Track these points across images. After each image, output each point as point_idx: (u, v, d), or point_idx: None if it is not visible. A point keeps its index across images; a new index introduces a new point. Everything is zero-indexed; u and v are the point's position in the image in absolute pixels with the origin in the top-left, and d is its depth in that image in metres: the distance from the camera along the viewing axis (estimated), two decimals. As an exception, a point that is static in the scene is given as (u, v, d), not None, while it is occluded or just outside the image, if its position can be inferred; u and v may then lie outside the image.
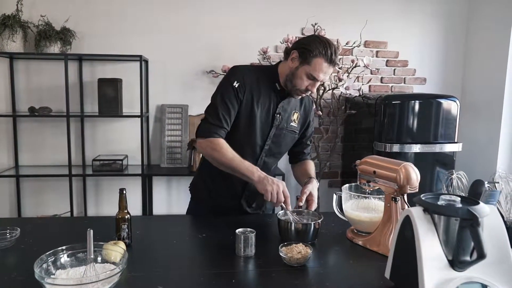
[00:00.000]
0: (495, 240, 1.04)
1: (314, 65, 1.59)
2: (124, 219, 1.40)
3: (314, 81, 1.63)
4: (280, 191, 1.55)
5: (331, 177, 3.71)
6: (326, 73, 1.61)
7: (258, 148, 1.75)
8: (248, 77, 1.68)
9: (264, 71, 1.76)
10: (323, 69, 1.59)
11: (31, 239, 1.47)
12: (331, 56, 1.57)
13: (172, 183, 3.52)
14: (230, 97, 1.65)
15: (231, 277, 1.21)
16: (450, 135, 3.08)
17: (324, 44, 1.58)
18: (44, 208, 3.37)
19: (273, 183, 1.56)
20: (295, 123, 1.80)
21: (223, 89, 1.68)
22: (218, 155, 1.63)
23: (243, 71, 1.70)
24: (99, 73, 3.27)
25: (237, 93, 1.65)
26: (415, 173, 1.39)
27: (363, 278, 1.24)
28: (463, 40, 3.72)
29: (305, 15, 3.31)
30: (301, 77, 1.62)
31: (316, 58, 1.58)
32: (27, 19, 3.04)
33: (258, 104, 1.68)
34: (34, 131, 3.30)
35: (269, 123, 1.72)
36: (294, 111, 1.79)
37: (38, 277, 1.02)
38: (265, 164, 1.79)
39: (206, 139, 1.65)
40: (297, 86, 1.65)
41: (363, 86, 3.37)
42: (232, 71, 1.71)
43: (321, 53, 1.57)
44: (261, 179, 1.58)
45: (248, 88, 1.66)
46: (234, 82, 1.65)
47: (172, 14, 3.32)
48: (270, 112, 1.71)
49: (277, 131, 1.75)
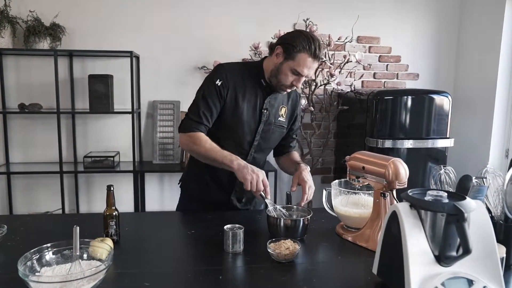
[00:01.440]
0: (481, 235, 1.04)
1: (298, 60, 1.58)
2: (112, 215, 1.39)
3: (299, 76, 1.62)
4: (259, 180, 1.55)
5: (323, 173, 3.71)
6: (311, 68, 1.61)
7: (247, 144, 1.75)
8: (232, 74, 1.68)
9: (249, 68, 1.76)
10: (307, 64, 1.59)
11: (19, 236, 1.45)
12: (315, 51, 1.57)
13: (164, 179, 3.51)
14: (211, 95, 1.66)
15: (219, 273, 1.20)
16: (442, 131, 3.09)
17: (308, 39, 1.57)
18: (36, 206, 3.35)
19: (252, 172, 1.56)
20: (283, 118, 1.81)
21: (205, 87, 1.69)
22: (197, 148, 1.65)
23: (226, 69, 1.70)
24: (90, 69, 3.25)
25: (220, 91, 1.66)
26: (404, 169, 1.39)
27: (350, 274, 1.24)
28: (455, 36, 3.73)
29: (296, 11, 3.30)
30: (285, 72, 1.62)
31: (300, 53, 1.57)
32: (15, 14, 3.01)
33: (244, 100, 1.69)
34: (25, 128, 3.28)
35: (257, 119, 1.73)
36: (281, 105, 1.79)
37: (22, 275, 1.01)
38: (254, 160, 1.79)
39: (186, 133, 1.67)
40: (282, 81, 1.65)
41: (355, 81, 3.38)
42: (215, 70, 1.72)
43: (305, 48, 1.56)
44: (241, 167, 1.57)
45: (232, 86, 1.67)
46: (217, 80, 1.66)
47: (164, 10, 3.29)
48: (257, 108, 1.72)
49: (266, 127, 1.75)
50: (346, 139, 3.53)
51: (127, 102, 3.22)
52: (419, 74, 3.73)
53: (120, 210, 1.45)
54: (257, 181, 1.55)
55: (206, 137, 1.66)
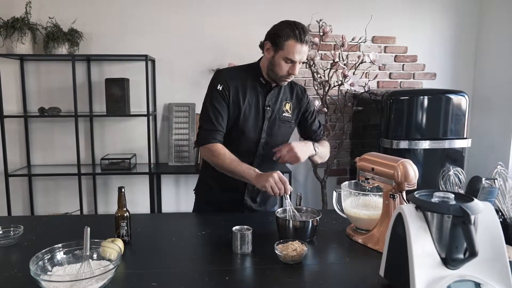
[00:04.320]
0: (490, 237, 1.02)
1: (286, 48, 1.63)
2: (123, 217, 1.42)
3: (293, 63, 1.66)
4: (277, 181, 1.57)
5: (339, 174, 3.68)
6: (301, 53, 1.65)
7: (254, 143, 1.79)
8: (231, 77, 1.75)
9: (247, 69, 1.82)
10: (296, 49, 1.63)
11: (35, 236, 1.50)
12: (300, 36, 1.61)
13: (180, 181, 3.55)
14: (217, 100, 1.73)
15: (226, 274, 1.21)
16: (459, 131, 3.03)
17: (290, 26, 1.63)
18: (55, 207, 3.43)
19: (268, 178, 1.57)
20: (288, 113, 1.84)
21: (209, 94, 1.76)
22: (217, 160, 1.71)
23: (224, 73, 1.78)
24: (107, 73, 3.31)
25: (223, 95, 1.72)
26: (413, 170, 1.37)
27: (358, 276, 1.23)
28: (474, 34, 3.65)
29: (310, 12, 3.28)
30: (279, 63, 1.67)
31: (286, 41, 1.63)
32: (35, 21, 3.09)
33: (245, 101, 1.74)
34: (45, 131, 3.36)
35: (261, 117, 1.78)
36: (285, 101, 1.84)
37: (33, 274, 1.05)
38: (264, 158, 1.82)
39: (205, 146, 1.73)
40: (279, 73, 1.70)
41: (370, 82, 3.34)
42: (214, 76, 1.79)
43: (290, 35, 1.62)
44: (257, 178, 1.61)
45: (233, 88, 1.73)
46: (218, 85, 1.73)
47: (177, 14, 3.33)
48: (259, 106, 1.77)
49: (270, 123, 1.79)
50: (361, 140, 3.50)
51: (143, 105, 3.26)
52: (436, 73, 3.67)
53: (136, 211, 1.48)
54: (276, 183, 1.57)
55: (224, 149, 1.71)
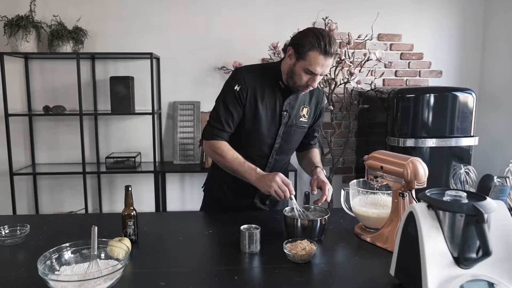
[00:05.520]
0: (503, 236, 1.01)
1: (309, 59, 1.54)
2: (130, 215, 1.41)
3: (313, 75, 1.58)
4: (280, 184, 1.55)
5: (345, 172, 3.67)
6: (324, 66, 1.55)
7: (268, 147, 1.74)
8: (250, 78, 1.67)
9: (267, 70, 1.74)
10: (319, 62, 1.54)
11: (41, 235, 1.49)
12: (325, 48, 1.51)
13: (185, 179, 3.54)
14: (231, 101, 1.66)
15: (234, 273, 1.20)
16: (466, 129, 3.01)
17: (317, 36, 1.52)
18: (60, 205, 3.43)
19: (271, 182, 1.55)
20: (304, 118, 1.78)
21: (224, 93, 1.69)
22: (219, 158, 1.68)
23: (244, 74, 1.69)
24: (111, 71, 3.31)
25: (239, 96, 1.65)
26: (423, 168, 1.35)
27: (368, 275, 1.22)
28: (481, 31, 3.62)
29: (315, 9, 3.27)
30: (299, 73, 1.59)
31: (310, 52, 1.53)
32: (40, 19, 3.09)
33: (263, 103, 1.68)
34: (49, 129, 3.36)
35: (277, 122, 1.71)
36: (303, 106, 1.76)
37: (41, 274, 1.04)
38: (276, 162, 1.79)
39: (209, 141, 1.70)
40: (297, 82, 1.62)
41: (376, 80, 3.32)
42: (233, 75, 1.71)
43: (314, 46, 1.52)
44: (259, 181, 1.59)
45: (251, 90, 1.66)
46: (235, 85, 1.65)
47: (182, 12, 3.32)
48: (276, 111, 1.70)
49: (286, 129, 1.74)
50: (367, 138, 3.48)
51: (148, 103, 3.26)
52: (443, 71, 3.64)
53: (141, 210, 1.47)
54: (280, 186, 1.55)
55: (227, 147, 1.67)
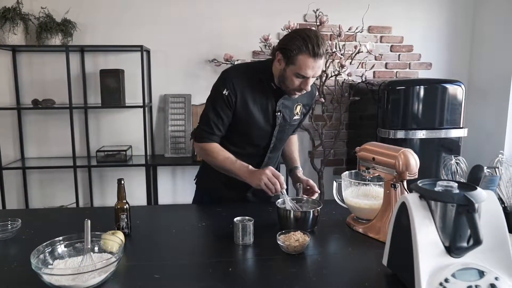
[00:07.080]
0: (493, 226, 1.03)
1: (299, 64, 1.50)
2: (123, 209, 1.41)
3: (305, 79, 1.54)
4: (270, 177, 1.55)
5: (336, 164, 3.69)
6: (315, 68, 1.51)
7: (263, 148, 1.75)
8: (239, 81, 1.62)
9: (258, 70, 1.69)
10: (309, 65, 1.49)
11: (33, 230, 1.48)
12: (313, 50, 1.47)
13: (176, 172, 3.53)
14: (221, 105, 1.63)
15: (228, 265, 1.21)
16: (455, 121, 3.04)
17: (304, 39, 1.47)
18: (51, 200, 3.41)
19: (261, 175, 1.56)
20: (298, 116, 1.78)
21: (213, 96, 1.65)
22: (211, 159, 1.70)
23: (232, 76, 1.63)
24: (101, 64, 3.27)
25: (228, 101, 1.61)
26: (414, 159, 1.37)
27: (361, 266, 1.23)
28: (470, 23, 3.65)
29: (306, 2, 3.26)
30: (290, 78, 1.55)
31: (298, 56, 1.49)
32: (27, 11, 3.04)
33: (255, 105, 1.65)
34: (39, 123, 3.32)
35: (271, 123, 1.69)
36: (296, 104, 1.75)
37: (34, 268, 1.03)
38: (269, 159, 1.80)
39: (199, 144, 1.71)
40: (290, 86, 1.58)
41: (367, 72, 3.33)
42: (220, 78, 1.66)
43: (302, 49, 1.48)
44: (250, 177, 1.60)
45: (240, 93, 1.62)
46: (224, 90, 1.61)
47: (173, 4, 3.29)
48: (269, 112, 1.68)
49: (281, 128, 1.73)
50: (358, 130, 3.50)
51: (139, 96, 3.23)
52: (432, 63, 3.67)
53: (132, 203, 1.47)
54: (270, 180, 1.55)
55: (218, 148, 1.67)
